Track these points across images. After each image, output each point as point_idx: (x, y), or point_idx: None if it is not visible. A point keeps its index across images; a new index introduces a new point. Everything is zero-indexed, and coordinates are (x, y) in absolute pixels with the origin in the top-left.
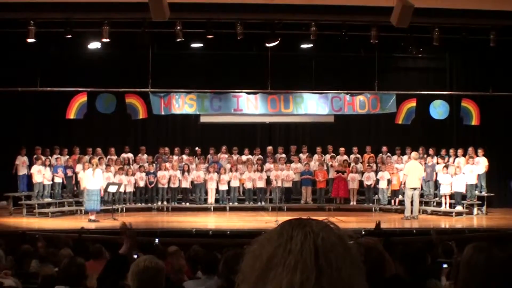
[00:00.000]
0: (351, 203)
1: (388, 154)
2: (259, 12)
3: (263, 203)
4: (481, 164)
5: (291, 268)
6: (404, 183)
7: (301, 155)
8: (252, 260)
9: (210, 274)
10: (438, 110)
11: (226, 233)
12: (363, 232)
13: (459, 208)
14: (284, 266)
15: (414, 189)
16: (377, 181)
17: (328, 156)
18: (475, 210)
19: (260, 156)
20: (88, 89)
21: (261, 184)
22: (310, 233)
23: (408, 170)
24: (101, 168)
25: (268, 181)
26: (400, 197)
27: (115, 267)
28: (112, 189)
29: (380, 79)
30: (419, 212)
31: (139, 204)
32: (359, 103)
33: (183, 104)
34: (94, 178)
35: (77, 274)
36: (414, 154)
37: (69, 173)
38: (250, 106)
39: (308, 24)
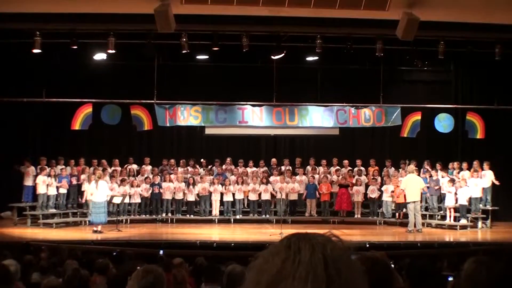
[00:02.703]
0: (356, 216)
1: (392, 168)
2: (264, 25)
3: (267, 215)
4: (487, 177)
5: (303, 279)
6: (405, 197)
7: (308, 167)
8: (257, 274)
9: (213, 286)
10: (443, 123)
11: (231, 246)
12: (367, 245)
13: (463, 221)
14: (295, 278)
15: (415, 202)
16: (381, 194)
17: (333, 169)
18: (480, 224)
19: (265, 168)
20: (94, 100)
21: (266, 196)
22: (318, 244)
23: (406, 184)
24: (105, 179)
25: (273, 193)
26: (405, 210)
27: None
28: (117, 200)
29: (385, 92)
30: (423, 225)
31: (144, 215)
32: (364, 116)
33: (188, 116)
34: (98, 190)
35: (80, 287)
36: (409, 167)
37: (74, 181)
38: (255, 118)
39: (314, 36)
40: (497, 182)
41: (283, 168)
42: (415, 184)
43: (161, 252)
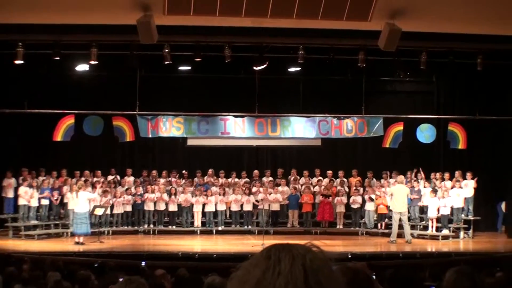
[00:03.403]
0: (338, 227)
1: (374, 179)
2: (247, 35)
3: (249, 226)
4: (469, 187)
5: None
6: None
7: (290, 178)
8: (238, 285)
9: None
10: (425, 133)
11: (213, 257)
12: (349, 256)
13: (445, 231)
14: None
15: (400, 212)
16: (364, 204)
17: (315, 180)
18: (462, 234)
19: (247, 179)
20: (76, 111)
21: (248, 207)
22: (298, 255)
23: (392, 193)
24: (87, 190)
25: (255, 204)
26: (387, 220)
27: None
28: (99, 211)
29: (367, 103)
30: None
31: (126, 227)
32: (346, 126)
33: (170, 127)
34: (79, 201)
35: None
36: (400, 178)
37: (55, 195)
38: (237, 129)
39: (296, 47)
40: (474, 185)
41: (265, 179)
42: (402, 194)
43: (143, 263)
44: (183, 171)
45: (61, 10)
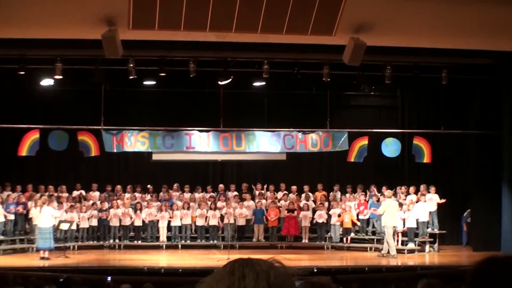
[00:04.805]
0: (303, 241)
1: (339, 192)
2: (211, 50)
3: (215, 241)
4: (434, 201)
5: None
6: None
7: (255, 192)
8: None
9: None
10: (390, 148)
11: (178, 271)
12: (315, 270)
13: (411, 245)
14: None
15: (394, 227)
16: (329, 218)
17: (280, 194)
18: (427, 248)
19: (212, 194)
20: (41, 126)
21: (213, 222)
22: (262, 271)
23: (384, 209)
24: (52, 205)
25: (221, 219)
26: (352, 234)
27: None
28: (64, 226)
29: (332, 117)
30: (371, 249)
31: (91, 241)
32: (311, 141)
33: (135, 141)
34: (42, 215)
35: None
36: (388, 192)
37: (20, 210)
38: (202, 143)
39: (261, 62)
40: (442, 201)
41: (230, 193)
42: (394, 208)
43: (108, 278)
44: (148, 186)
45: (26, 25)
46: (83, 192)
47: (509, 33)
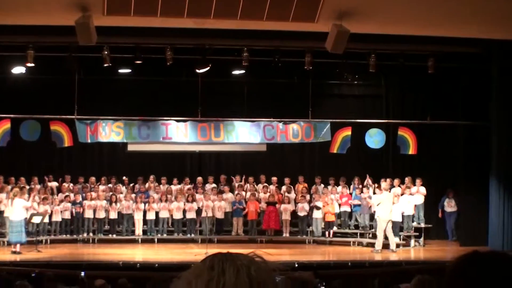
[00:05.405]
0: (284, 235)
1: (322, 184)
2: (189, 37)
3: (192, 234)
4: (421, 194)
5: None
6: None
7: (234, 184)
8: None
9: None
10: (374, 139)
11: (154, 266)
12: (296, 265)
13: (396, 239)
14: None
15: (390, 221)
16: (311, 212)
17: (260, 186)
18: (412, 242)
19: (189, 186)
20: (12, 115)
21: (191, 215)
22: (242, 266)
23: (380, 201)
24: (24, 198)
25: (199, 211)
26: (335, 228)
27: None
28: (36, 220)
29: (314, 107)
30: (353, 244)
31: (64, 235)
32: (292, 131)
33: (110, 131)
34: (14, 208)
35: None
36: (385, 185)
37: None
38: (179, 134)
39: (240, 49)
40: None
41: (208, 185)
42: (390, 202)
43: (82, 273)
44: (124, 178)
45: None
46: (56, 184)
47: (497, 21)
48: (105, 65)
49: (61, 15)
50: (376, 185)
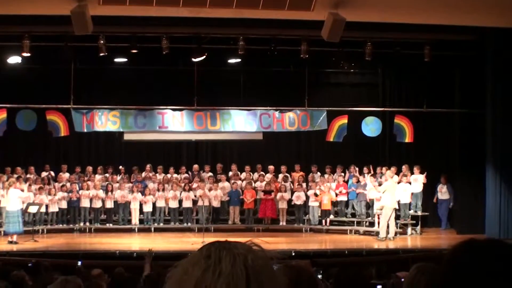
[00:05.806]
0: (281, 224)
1: (318, 173)
2: (185, 26)
3: (189, 223)
4: (419, 181)
5: None
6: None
7: (230, 173)
8: (176, 285)
9: None
10: (371, 127)
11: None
12: (293, 254)
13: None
14: None
15: (395, 209)
16: (307, 200)
17: (257, 175)
18: (409, 230)
19: (186, 175)
20: (8, 105)
21: (187, 204)
22: (239, 255)
23: (386, 188)
24: (20, 187)
25: (195, 200)
26: (332, 217)
27: None
28: (33, 209)
29: (310, 95)
30: (350, 232)
31: (61, 225)
32: (288, 120)
33: (106, 121)
34: (9, 198)
35: None
36: (390, 172)
37: None
38: (175, 123)
39: (236, 38)
40: (424, 180)
41: (204, 174)
42: (394, 190)
43: (79, 263)
44: (120, 167)
45: None
46: (52, 174)
47: (493, 8)
48: (101, 54)
49: (56, 4)
50: (372, 172)
